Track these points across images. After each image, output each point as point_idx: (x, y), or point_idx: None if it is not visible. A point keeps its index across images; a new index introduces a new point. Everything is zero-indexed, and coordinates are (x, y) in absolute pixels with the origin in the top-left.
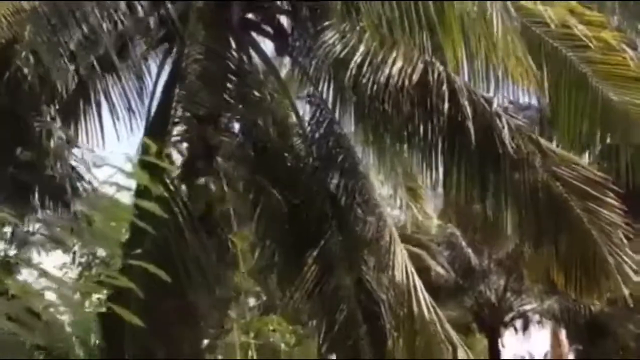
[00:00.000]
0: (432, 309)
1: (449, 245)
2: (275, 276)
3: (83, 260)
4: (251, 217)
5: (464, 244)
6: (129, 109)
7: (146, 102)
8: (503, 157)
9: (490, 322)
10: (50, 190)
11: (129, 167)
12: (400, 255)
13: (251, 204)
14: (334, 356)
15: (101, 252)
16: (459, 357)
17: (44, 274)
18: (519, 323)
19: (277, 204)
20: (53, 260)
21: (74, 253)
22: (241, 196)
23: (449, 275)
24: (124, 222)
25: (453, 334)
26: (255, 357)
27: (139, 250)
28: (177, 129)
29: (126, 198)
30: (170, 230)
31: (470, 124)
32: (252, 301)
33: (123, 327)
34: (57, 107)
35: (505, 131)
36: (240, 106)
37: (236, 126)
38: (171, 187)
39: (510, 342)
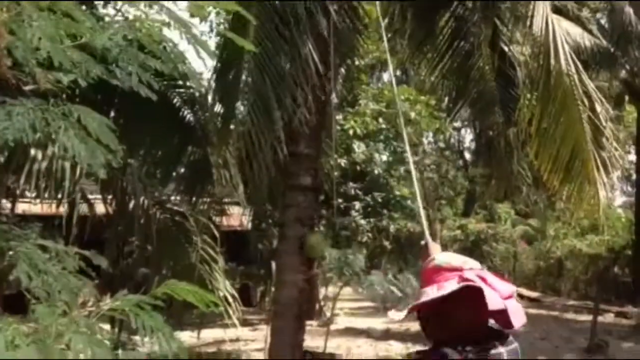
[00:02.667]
0: (571, 63)
1: (605, 9)
2: (407, 40)
3: None
4: None
5: (623, 6)
6: None
7: None
8: None
9: None
10: None
11: None
12: (542, 5)
13: None
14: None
15: None
16: (597, 110)
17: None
18: None
19: None
20: None
21: None
22: None
23: (601, 43)
24: None
25: (593, 89)
26: (385, 126)
27: None
28: None
29: None
30: None
31: None
32: (385, 76)
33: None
34: None
35: None
36: None
37: None
38: None
39: None
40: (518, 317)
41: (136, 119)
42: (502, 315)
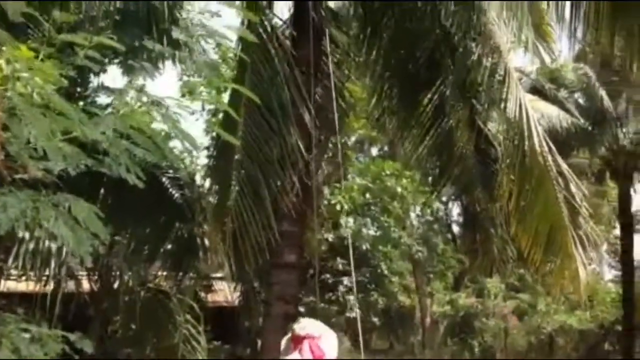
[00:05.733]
0: (545, 144)
1: (581, 89)
2: (393, 120)
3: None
4: (366, 61)
5: (599, 86)
6: None
7: None
8: None
9: (623, 169)
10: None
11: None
12: (515, 89)
13: (366, 48)
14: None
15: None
16: (572, 191)
17: (148, 96)
18: None
19: (392, 46)
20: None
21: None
22: (355, 41)
23: (579, 122)
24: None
25: (567, 170)
26: (372, 200)
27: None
28: None
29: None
30: (270, 64)
31: None
32: (374, 150)
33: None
34: None
35: None
36: None
37: None
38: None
39: None
40: None
41: (124, 198)
42: None
